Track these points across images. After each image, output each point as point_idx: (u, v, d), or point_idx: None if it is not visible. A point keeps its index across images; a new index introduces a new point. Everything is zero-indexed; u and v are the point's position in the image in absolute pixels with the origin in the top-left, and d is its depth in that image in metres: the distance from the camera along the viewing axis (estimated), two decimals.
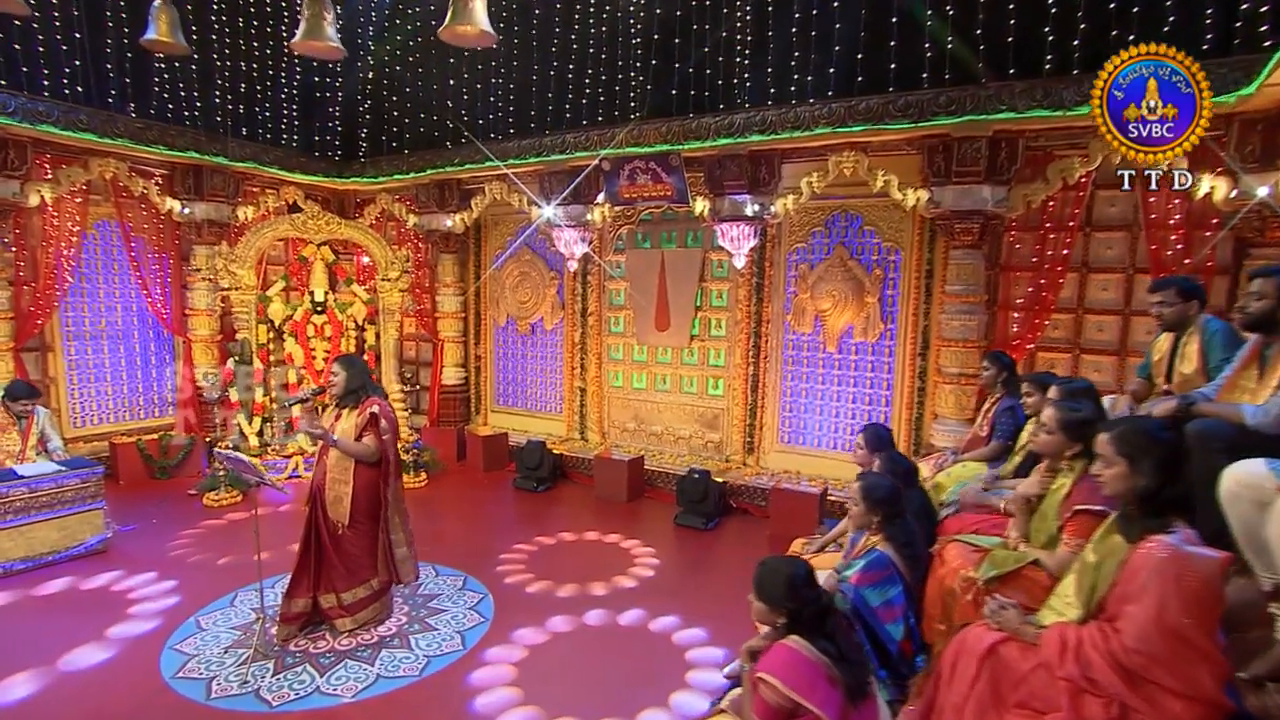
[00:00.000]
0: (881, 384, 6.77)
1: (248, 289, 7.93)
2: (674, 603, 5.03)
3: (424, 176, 8.62)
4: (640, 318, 8.04)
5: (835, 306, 6.86)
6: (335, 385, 4.43)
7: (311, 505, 4.50)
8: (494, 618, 4.80)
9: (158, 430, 8.16)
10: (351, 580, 4.50)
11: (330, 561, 4.47)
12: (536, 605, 4.99)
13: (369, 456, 4.34)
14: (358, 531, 4.43)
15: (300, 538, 4.54)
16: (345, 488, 4.37)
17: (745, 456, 7.50)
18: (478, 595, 5.14)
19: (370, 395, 4.47)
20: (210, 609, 4.84)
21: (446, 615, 4.83)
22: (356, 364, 4.49)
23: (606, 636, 4.61)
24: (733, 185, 6.76)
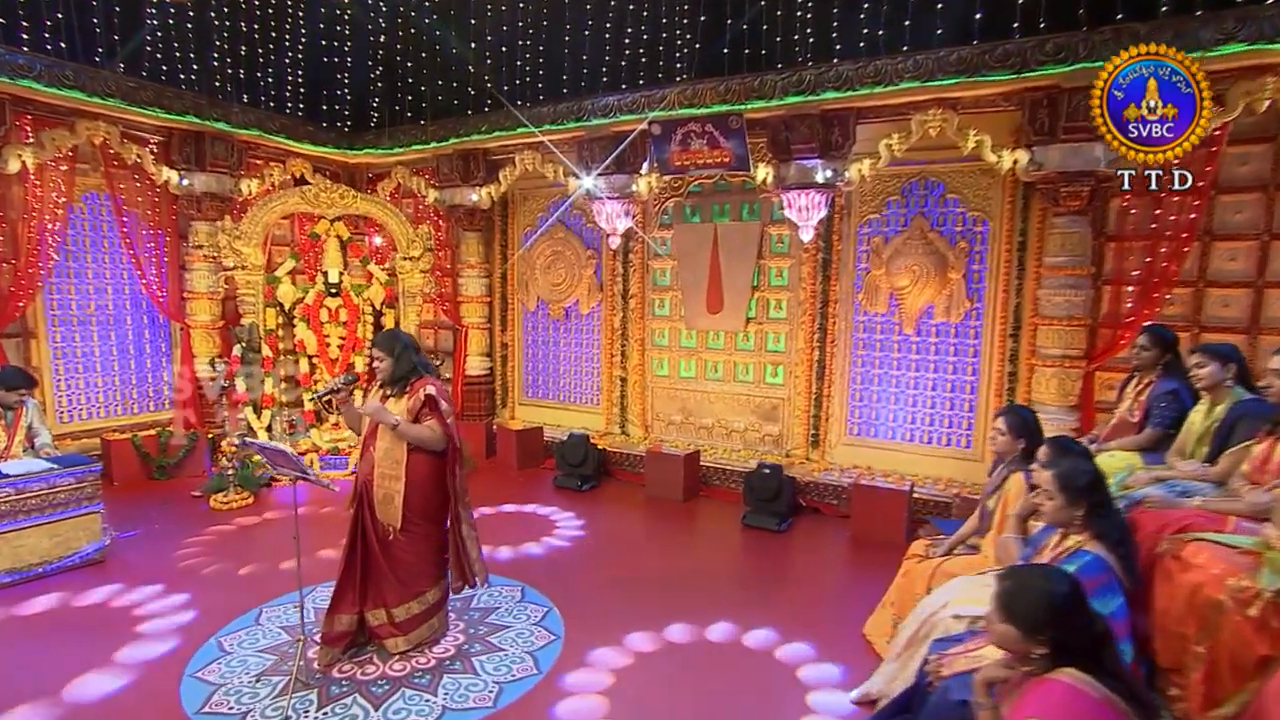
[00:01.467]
0: (966, 369, 6.23)
1: (254, 269, 7.30)
2: (765, 614, 4.46)
3: (446, 147, 8.01)
4: (689, 299, 7.47)
5: (914, 284, 6.32)
6: (381, 370, 3.83)
7: (357, 507, 3.90)
8: (565, 634, 4.22)
9: (154, 426, 7.50)
10: (405, 593, 3.90)
11: (380, 572, 3.87)
12: (610, 619, 4.42)
13: (435, 443, 3.75)
14: (412, 536, 3.84)
15: (344, 545, 3.94)
16: (396, 485, 3.77)
17: (809, 451, 6.95)
18: (541, 608, 4.56)
19: (422, 375, 3.87)
20: (232, 628, 4.22)
21: (510, 633, 4.25)
22: (401, 340, 3.89)
23: (701, 656, 4.04)
24: (801, 149, 6.20)
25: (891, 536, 5.69)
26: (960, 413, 6.27)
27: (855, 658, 3.99)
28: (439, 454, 3.83)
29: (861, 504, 5.88)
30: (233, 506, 6.20)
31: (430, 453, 3.81)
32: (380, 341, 3.87)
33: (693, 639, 4.21)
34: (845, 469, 6.67)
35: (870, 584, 5.00)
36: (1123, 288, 5.45)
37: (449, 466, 3.84)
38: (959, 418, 6.28)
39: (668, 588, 4.85)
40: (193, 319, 7.60)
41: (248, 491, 6.37)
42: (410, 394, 3.80)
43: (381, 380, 3.88)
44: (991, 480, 3.95)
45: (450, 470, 3.84)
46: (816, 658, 4.00)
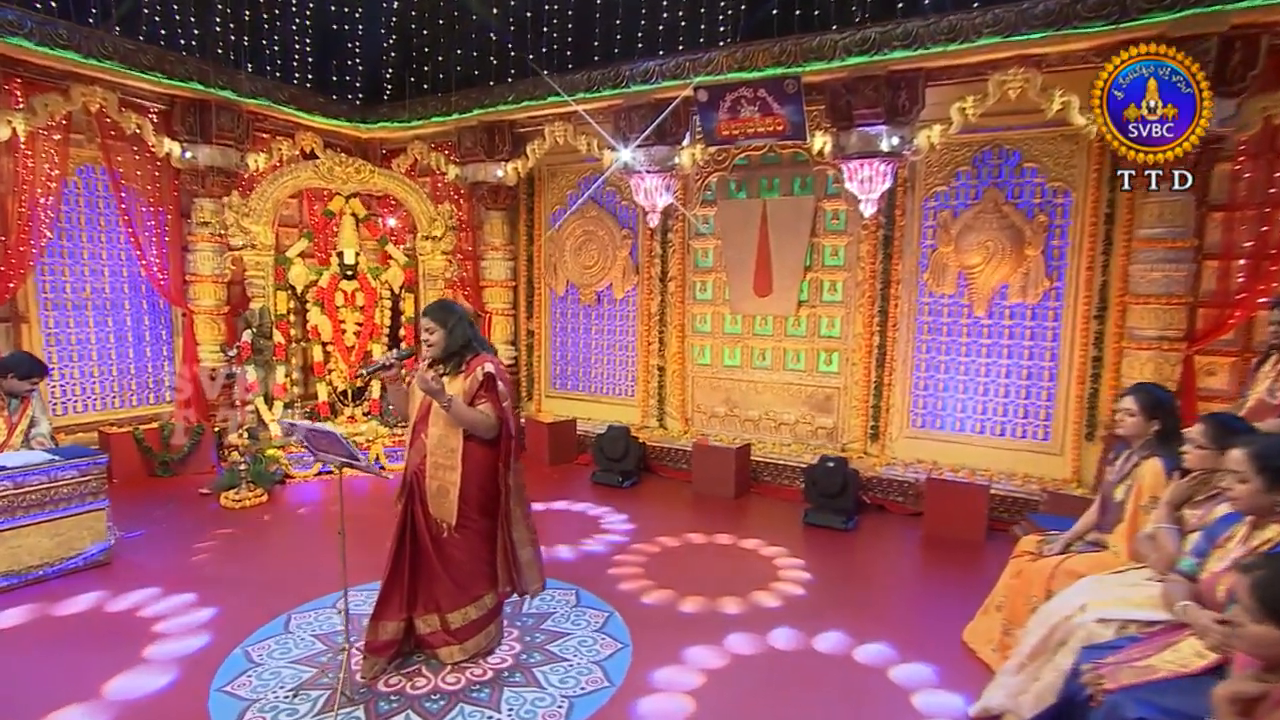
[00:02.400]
0: (1044, 354, 5.92)
1: (264, 249, 6.98)
2: (848, 619, 4.14)
3: (469, 118, 7.68)
4: (735, 281, 7.16)
5: (986, 261, 6.02)
6: (433, 345, 3.50)
7: (406, 501, 3.58)
8: (633, 642, 3.90)
9: (155, 419, 7.16)
10: (460, 597, 3.58)
11: (433, 573, 3.55)
12: (678, 625, 4.10)
13: (486, 429, 3.43)
14: (469, 532, 3.51)
15: (390, 543, 3.62)
16: (452, 475, 3.45)
17: (868, 445, 6.64)
18: (600, 613, 4.24)
19: (479, 353, 3.55)
20: (259, 636, 3.89)
21: (571, 641, 3.93)
22: (455, 312, 3.56)
23: (786, 663, 3.72)
24: (864, 115, 5.88)
25: (970, 535, 5.40)
26: (1037, 402, 5.97)
27: (957, 666, 3.69)
28: (492, 442, 3.51)
29: (936, 501, 5.58)
30: (246, 505, 5.87)
31: (485, 442, 3.49)
32: (432, 311, 3.54)
33: (772, 646, 3.89)
34: (909, 464, 6.36)
35: (957, 586, 4.74)
36: (1232, 262, 5.13)
37: (502, 456, 3.52)
38: (1035, 407, 5.98)
39: (737, 592, 4.53)
40: (196, 304, 7.27)
41: (261, 489, 6.04)
42: (467, 373, 3.47)
43: (431, 357, 3.55)
44: (1117, 468, 3.64)
45: (504, 460, 3.52)
46: (937, 683, 3.64)
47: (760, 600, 4.44)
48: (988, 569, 4.91)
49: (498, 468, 3.54)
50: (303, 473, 6.64)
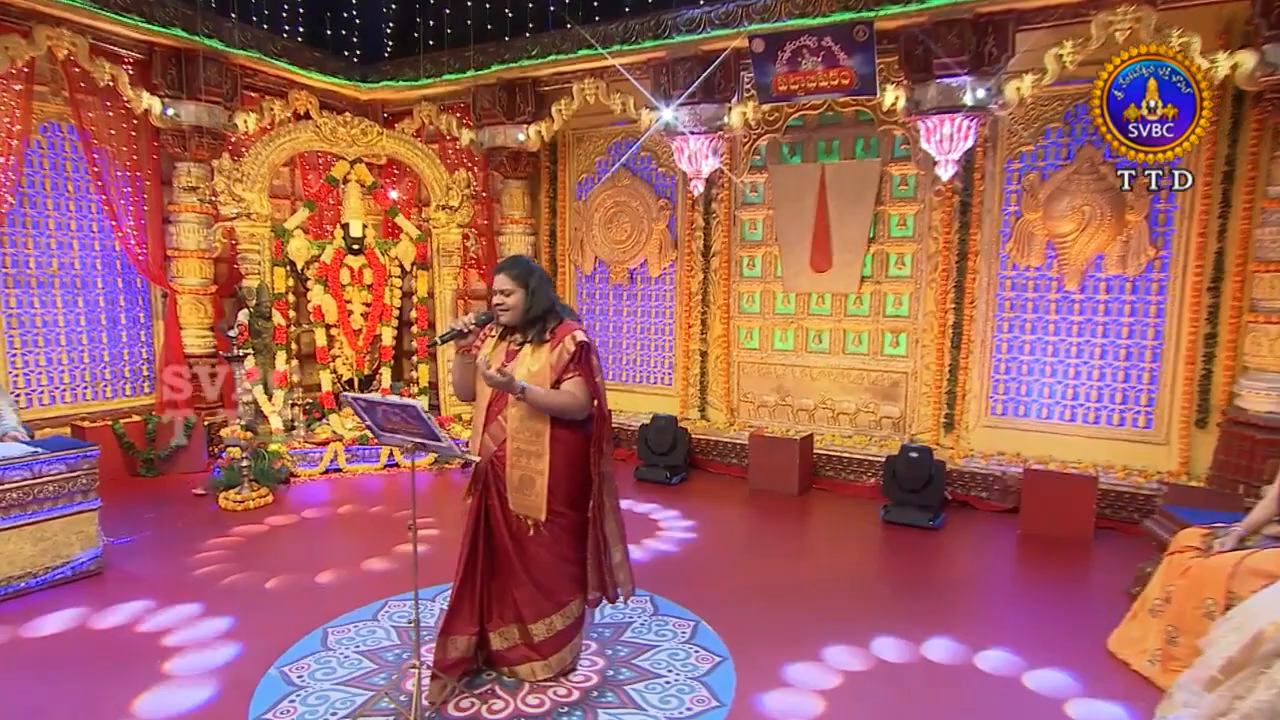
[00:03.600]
0: (1146, 331, 5.65)
1: (260, 219, 6.55)
2: (973, 630, 3.82)
3: (487, 76, 7.31)
4: (789, 256, 6.84)
5: (1080, 229, 5.74)
6: (509, 309, 3.13)
7: (479, 496, 3.21)
8: (732, 655, 3.55)
9: (132, 412, 6.70)
10: (545, 604, 3.21)
11: (512, 578, 3.19)
12: (775, 636, 3.77)
13: (576, 410, 3.08)
14: (558, 529, 3.15)
15: (461, 546, 3.25)
16: (538, 463, 3.08)
17: (941, 435, 6.34)
18: (685, 622, 3.90)
19: (564, 319, 3.20)
20: (295, 655, 3.50)
21: (661, 654, 3.58)
22: (536, 270, 3.20)
23: (910, 677, 3.40)
24: (944, 65, 5.59)
25: (1075, 533, 5.13)
26: (1138, 385, 5.70)
27: (1099, 673, 3.41)
28: (583, 423, 3.16)
29: (1035, 495, 5.29)
30: (249, 506, 5.45)
31: (574, 424, 3.13)
32: (508, 267, 3.16)
33: (881, 658, 3.56)
34: (989, 456, 6.07)
35: (1073, 587, 4.50)
36: None
37: (594, 440, 3.16)
38: (1136, 391, 5.71)
39: (827, 597, 4.23)
40: (179, 282, 6.85)
41: (265, 488, 5.62)
42: (553, 343, 3.11)
43: (507, 323, 3.18)
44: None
45: (596, 444, 3.16)
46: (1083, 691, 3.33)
47: (860, 606, 4.11)
48: (1105, 570, 4.71)
49: (588, 453, 3.19)
50: (308, 470, 6.23)
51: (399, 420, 2.82)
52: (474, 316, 3.14)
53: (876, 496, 6.04)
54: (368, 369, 7.02)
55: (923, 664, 3.52)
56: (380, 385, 7.06)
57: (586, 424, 3.19)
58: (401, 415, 2.78)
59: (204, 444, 6.52)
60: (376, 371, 7.08)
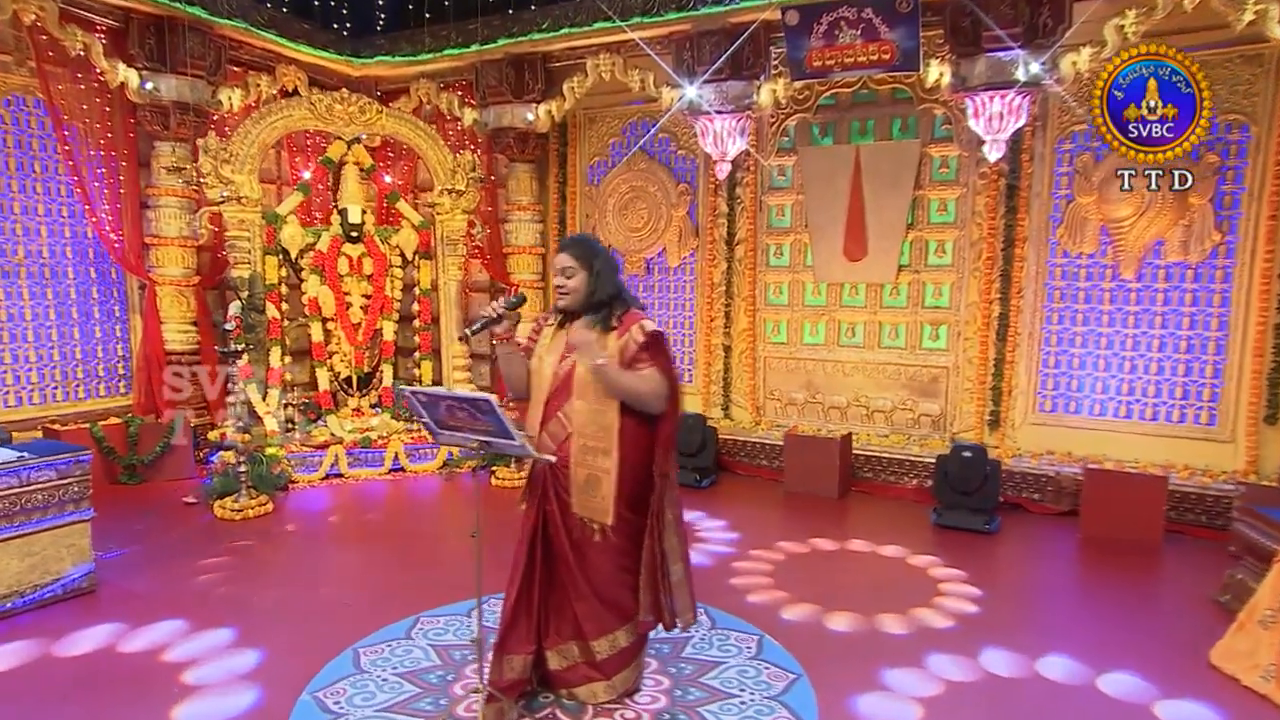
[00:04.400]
0: (1209, 322, 5.59)
1: (250, 203, 6.32)
2: (1081, 647, 3.69)
3: (493, 50, 7.12)
4: (820, 244, 6.72)
5: (1139, 213, 5.67)
6: (570, 291, 2.96)
7: (536, 501, 3.03)
8: (805, 671, 3.41)
9: (107, 414, 6.43)
10: (609, 619, 3.05)
11: (573, 590, 3.03)
12: (849, 650, 3.65)
13: (654, 401, 2.92)
14: (622, 535, 2.99)
15: (517, 555, 3.06)
16: (605, 462, 2.91)
17: (985, 433, 6.25)
18: (748, 636, 3.76)
19: (630, 307, 3.04)
20: (327, 679, 3.31)
21: (729, 671, 3.44)
22: (600, 252, 3.04)
23: (1001, 693, 3.27)
24: (995, 38, 5.50)
25: (1143, 538, 5.05)
26: (1200, 380, 5.63)
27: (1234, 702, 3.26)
28: (648, 418, 2.99)
29: (1097, 497, 5.22)
30: (248, 515, 5.22)
31: (643, 420, 2.97)
32: (571, 246, 2.99)
33: (989, 671, 3.45)
34: (1039, 455, 5.99)
35: (1161, 597, 4.41)
36: None
37: (663, 437, 3.00)
38: (1199, 386, 5.64)
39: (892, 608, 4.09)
40: (159, 272, 6.59)
41: (264, 495, 5.40)
42: (620, 330, 2.94)
43: (567, 307, 3.01)
44: None
45: (664, 442, 3.00)
46: (1163, 696, 3.26)
47: (926, 618, 4.00)
48: (1183, 576, 4.65)
49: (652, 452, 3.03)
50: (307, 476, 6.01)
51: (465, 417, 2.64)
52: (504, 301, 2.95)
53: (922, 499, 5.95)
54: (367, 366, 6.81)
55: (1035, 680, 3.41)
56: (381, 383, 6.85)
57: (652, 419, 3.02)
58: (469, 411, 2.60)
59: (192, 449, 6.27)
60: (377, 369, 6.87)
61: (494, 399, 2.53)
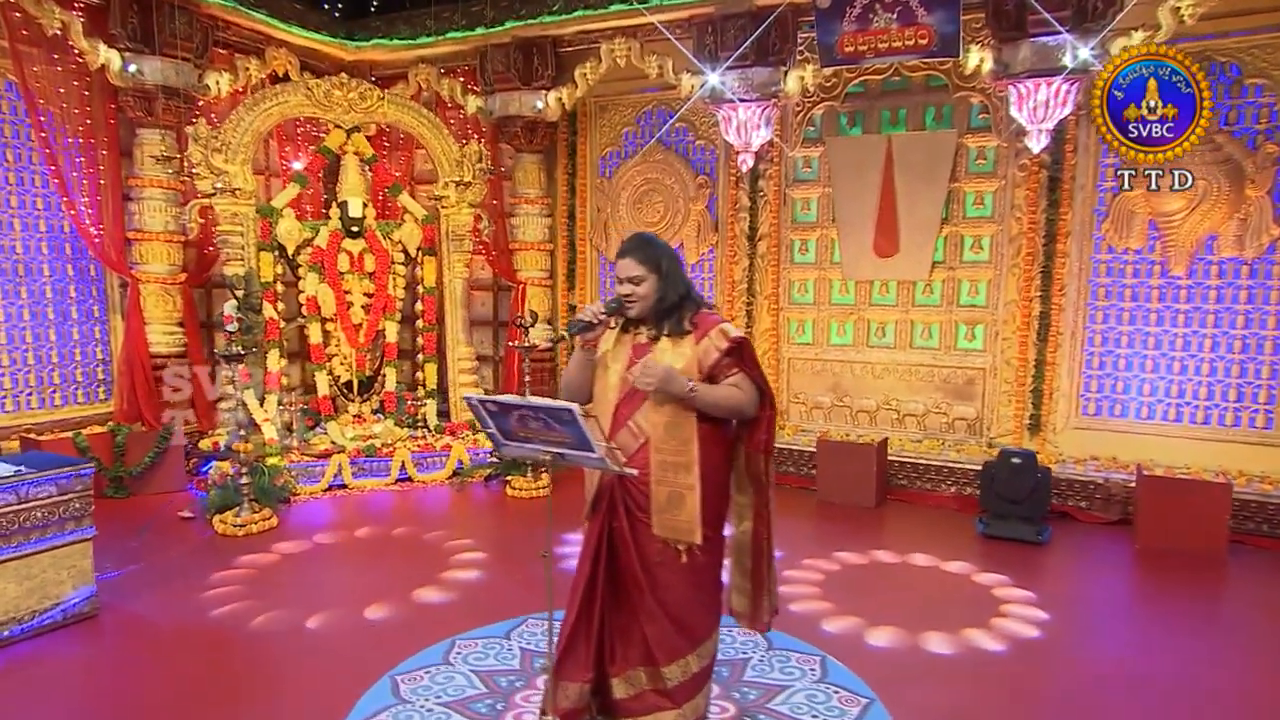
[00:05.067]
0: (1266, 321, 5.58)
1: (244, 195, 6.15)
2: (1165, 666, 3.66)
3: (500, 34, 7.00)
4: (849, 240, 6.67)
5: (1191, 206, 5.66)
6: (639, 298, 2.83)
7: (602, 519, 2.91)
8: (877, 695, 3.33)
9: (87, 422, 6.23)
10: (681, 643, 2.92)
11: (646, 612, 2.89)
12: (919, 670, 3.58)
13: (750, 410, 2.81)
14: (708, 553, 2.88)
15: (578, 575, 2.95)
16: (687, 477, 2.79)
17: (1025, 438, 6.21)
18: (807, 656, 3.67)
19: (701, 310, 2.92)
20: (366, 710, 3.17)
21: (796, 696, 3.35)
22: (666, 252, 2.91)
23: None
24: (1041, 22, 5.47)
25: (1205, 548, 5.01)
26: (1255, 381, 5.62)
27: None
28: (727, 426, 2.90)
29: (1153, 505, 5.18)
30: (251, 531, 5.07)
31: (721, 427, 2.87)
32: (636, 250, 2.85)
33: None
34: (1083, 460, 5.96)
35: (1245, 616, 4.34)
36: None
37: (765, 442, 2.89)
38: (1254, 388, 5.63)
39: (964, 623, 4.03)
40: (142, 269, 6.40)
41: (267, 509, 5.24)
42: (696, 335, 2.83)
43: (636, 315, 2.89)
44: None
45: (767, 450, 2.89)
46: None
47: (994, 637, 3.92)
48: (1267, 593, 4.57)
49: (728, 463, 2.93)
50: (309, 487, 5.85)
51: (539, 426, 2.52)
52: (603, 305, 2.84)
53: (963, 508, 5.91)
54: (369, 369, 6.65)
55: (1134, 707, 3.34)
56: (383, 387, 6.69)
57: (728, 428, 2.93)
58: (546, 421, 2.48)
59: (183, 459, 6.09)
60: (379, 372, 6.71)
61: (577, 408, 2.41)
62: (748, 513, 2.97)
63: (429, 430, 6.70)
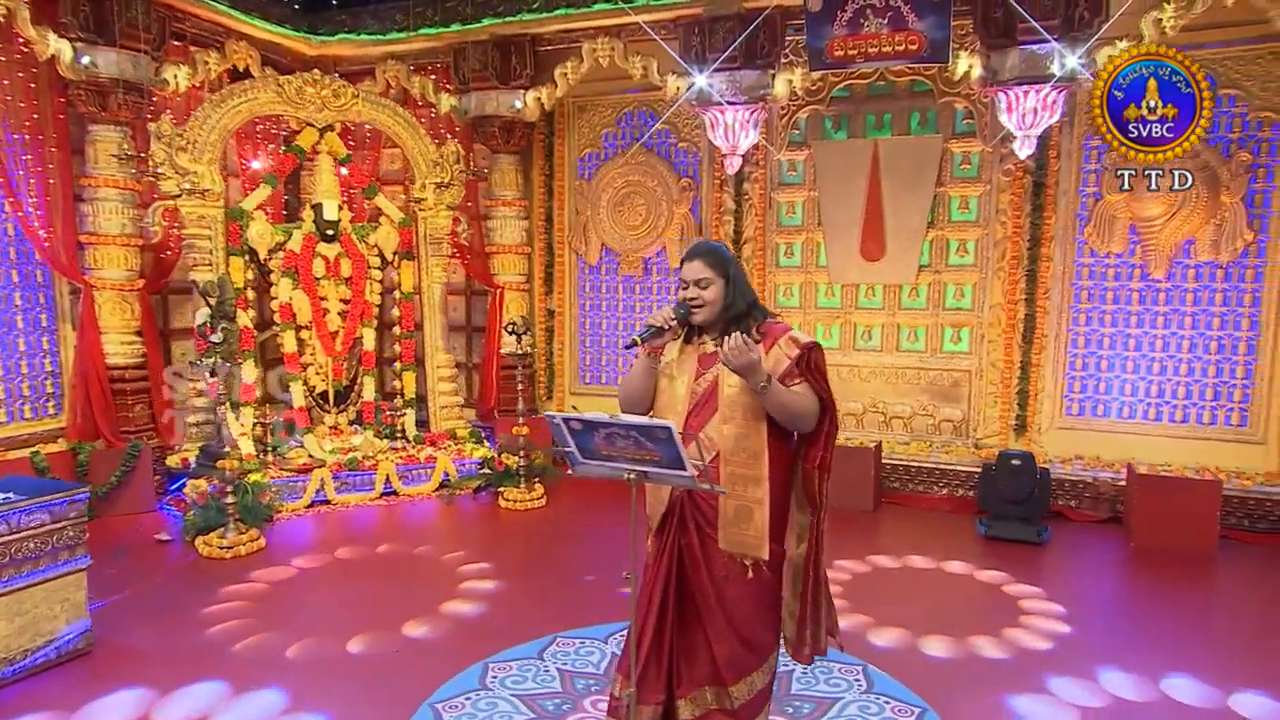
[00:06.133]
0: (1240, 322, 5.85)
1: (212, 197, 5.88)
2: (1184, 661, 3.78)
3: (477, 31, 6.85)
4: (835, 243, 6.74)
5: (1170, 212, 5.89)
6: (706, 304, 2.79)
7: (670, 535, 2.85)
8: (929, 705, 3.36)
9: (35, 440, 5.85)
10: (749, 660, 2.89)
11: (714, 630, 2.85)
12: (958, 675, 3.63)
13: (812, 420, 2.78)
14: (773, 569, 2.85)
15: (647, 595, 2.86)
16: (757, 491, 2.76)
17: (1011, 439, 6.37)
18: (851, 666, 3.67)
19: (765, 316, 2.90)
20: None
21: (848, 708, 3.35)
22: (731, 258, 2.87)
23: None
24: (1030, 29, 5.61)
25: (1197, 545, 5.21)
26: (1231, 381, 5.89)
27: None
28: (790, 440, 2.87)
29: (1145, 503, 5.37)
30: (239, 553, 4.82)
31: (785, 441, 2.84)
32: (703, 254, 2.80)
33: (1130, 696, 3.48)
34: (1068, 460, 6.14)
35: (1249, 608, 4.52)
36: None
37: (819, 459, 2.87)
38: (1229, 387, 5.90)
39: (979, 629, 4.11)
40: (97, 275, 6.04)
41: (254, 529, 5.00)
42: (766, 344, 2.79)
43: (701, 322, 2.84)
44: None
45: (823, 465, 2.87)
46: None
47: (1021, 638, 4.02)
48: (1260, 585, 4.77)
49: (790, 477, 2.91)
50: (291, 504, 5.61)
51: (628, 445, 2.45)
52: (672, 311, 2.79)
53: (956, 509, 6.03)
54: (346, 378, 6.42)
55: (1166, 702, 3.45)
56: (361, 397, 6.47)
57: (791, 443, 2.90)
58: (637, 439, 2.41)
59: (151, 478, 5.77)
60: (357, 381, 6.49)
61: (673, 426, 2.35)
62: (806, 534, 2.94)
63: (408, 441, 6.51)
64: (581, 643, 3.86)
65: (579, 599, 4.39)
